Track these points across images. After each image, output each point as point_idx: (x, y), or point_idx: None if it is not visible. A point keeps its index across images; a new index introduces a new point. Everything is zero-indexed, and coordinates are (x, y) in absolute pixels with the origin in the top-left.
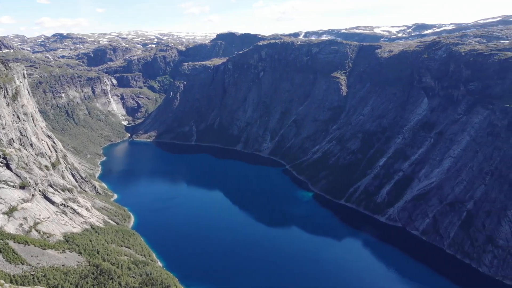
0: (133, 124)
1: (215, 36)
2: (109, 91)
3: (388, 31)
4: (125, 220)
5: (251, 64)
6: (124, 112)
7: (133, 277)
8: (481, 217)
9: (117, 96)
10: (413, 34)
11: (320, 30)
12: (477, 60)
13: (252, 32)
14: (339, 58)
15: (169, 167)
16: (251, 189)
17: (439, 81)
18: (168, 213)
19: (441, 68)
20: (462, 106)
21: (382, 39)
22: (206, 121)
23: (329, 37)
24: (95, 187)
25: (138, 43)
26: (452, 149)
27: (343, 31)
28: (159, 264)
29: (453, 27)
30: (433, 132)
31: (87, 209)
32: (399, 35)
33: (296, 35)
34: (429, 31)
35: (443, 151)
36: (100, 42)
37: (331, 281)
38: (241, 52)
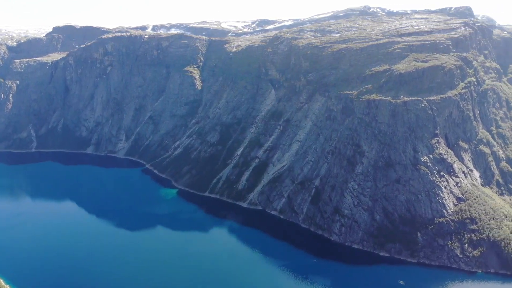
0: None
1: (51, 30)
2: None
3: (234, 26)
4: None
5: (96, 59)
6: None
7: None
8: (327, 192)
9: None
10: (257, 29)
11: (169, 23)
12: (313, 53)
13: (94, 25)
14: (191, 52)
15: (6, 180)
16: (108, 195)
17: (283, 73)
18: (11, 233)
19: (284, 61)
20: (304, 95)
21: (230, 34)
22: (48, 124)
23: (178, 31)
24: None
25: None
26: (298, 134)
27: (191, 25)
28: None
29: (292, 22)
30: (281, 120)
31: None
32: (245, 30)
33: (143, 28)
34: (271, 26)
35: (291, 137)
36: None
37: (200, 273)
38: (83, 46)
